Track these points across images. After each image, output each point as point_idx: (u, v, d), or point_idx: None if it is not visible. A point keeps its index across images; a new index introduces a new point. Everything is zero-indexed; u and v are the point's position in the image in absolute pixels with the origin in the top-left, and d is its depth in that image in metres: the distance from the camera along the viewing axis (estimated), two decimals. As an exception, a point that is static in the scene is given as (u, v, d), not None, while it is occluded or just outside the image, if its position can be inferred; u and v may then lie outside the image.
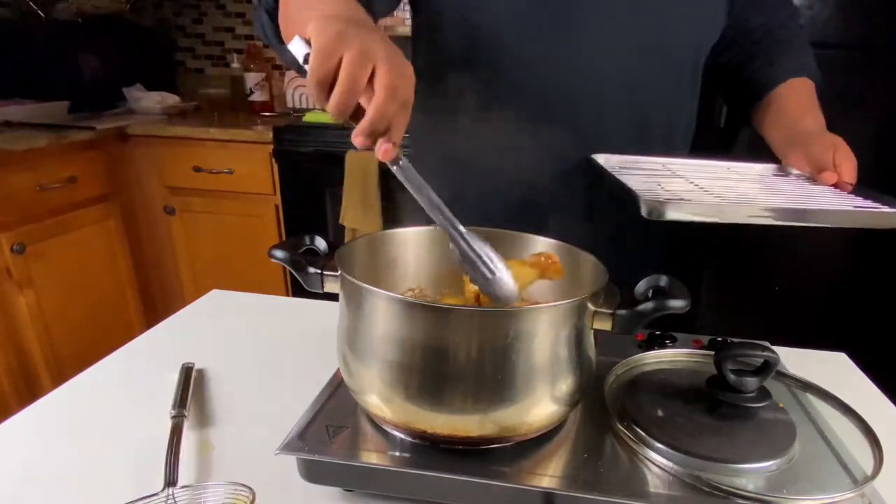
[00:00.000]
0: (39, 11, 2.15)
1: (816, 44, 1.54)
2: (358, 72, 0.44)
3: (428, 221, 0.62)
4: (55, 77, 2.10)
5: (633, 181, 0.68)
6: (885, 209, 0.64)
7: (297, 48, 0.49)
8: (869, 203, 0.67)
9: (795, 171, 0.76)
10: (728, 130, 1.63)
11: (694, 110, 0.86)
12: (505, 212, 0.81)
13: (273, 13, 0.65)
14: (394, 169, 0.49)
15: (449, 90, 0.80)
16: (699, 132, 0.89)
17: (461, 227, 0.51)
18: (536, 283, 0.63)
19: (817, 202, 0.66)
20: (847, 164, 0.70)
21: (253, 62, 2.34)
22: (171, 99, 2.29)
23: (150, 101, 2.23)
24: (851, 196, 0.68)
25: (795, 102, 0.81)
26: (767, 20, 0.85)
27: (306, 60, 0.47)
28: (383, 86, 0.45)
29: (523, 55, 0.74)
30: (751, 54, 0.84)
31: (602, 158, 0.76)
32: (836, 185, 0.71)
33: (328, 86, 0.46)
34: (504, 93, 0.76)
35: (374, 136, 0.46)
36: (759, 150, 0.83)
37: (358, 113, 0.47)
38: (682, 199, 0.60)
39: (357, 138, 0.47)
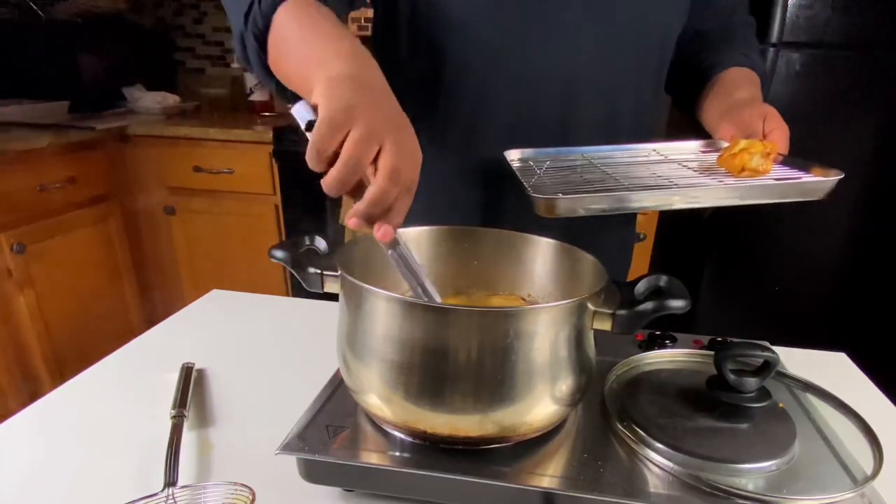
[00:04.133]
0: (39, 11, 2.15)
1: (816, 44, 1.56)
2: (361, 154, 0.42)
3: (428, 221, 0.63)
4: (55, 77, 2.10)
5: (549, 176, 0.65)
6: (807, 178, 0.61)
7: (300, 114, 0.45)
8: (794, 173, 0.63)
9: (726, 145, 0.72)
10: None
11: (659, 107, 0.84)
12: (476, 208, 0.82)
13: (262, 40, 0.58)
14: (389, 253, 0.48)
15: (413, 85, 0.77)
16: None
17: None
18: (537, 282, 0.63)
19: (736, 178, 0.62)
20: (778, 133, 0.67)
21: (253, 62, 2.34)
22: (171, 99, 2.29)
23: (150, 101, 2.23)
24: (779, 167, 0.65)
25: (732, 80, 0.79)
26: (720, 23, 0.84)
27: (309, 127, 0.43)
28: (386, 169, 0.42)
29: (489, 44, 0.72)
30: (699, 52, 0.84)
31: (516, 154, 0.73)
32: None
33: (329, 161, 0.43)
34: (470, 85, 0.75)
35: (371, 219, 0.44)
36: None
37: (355, 189, 0.44)
38: (576, 194, 0.58)
39: (351, 220, 0.44)
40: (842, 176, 0.59)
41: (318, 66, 0.49)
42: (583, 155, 0.74)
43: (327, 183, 0.43)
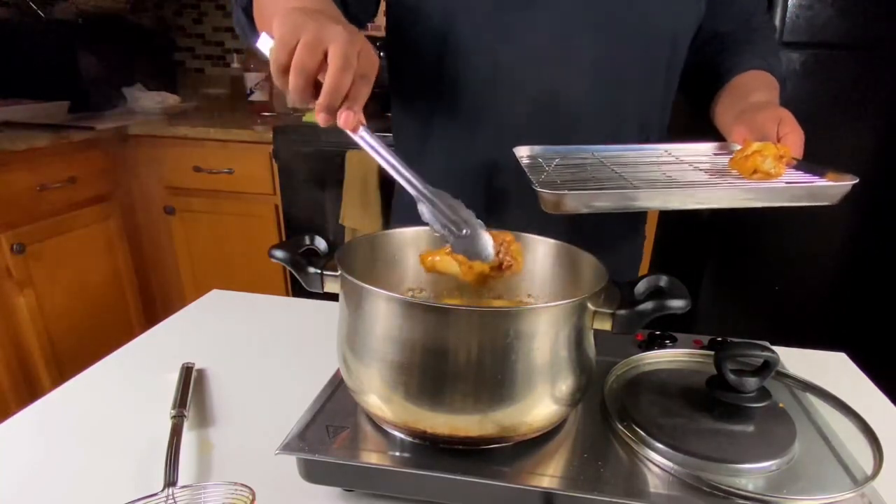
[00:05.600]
0: (39, 11, 2.15)
1: (816, 44, 1.56)
2: (307, 56, 0.47)
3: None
4: (55, 77, 2.10)
5: (558, 174, 0.65)
6: (819, 182, 0.60)
7: (264, 45, 0.51)
8: (807, 177, 0.62)
9: (739, 148, 0.71)
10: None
11: (668, 107, 0.84)
12: (481, 207, 0.81)
13: (248, 10, 0.68)
14: (356, 137, 0.51)
15: (417, 82, 0.79)
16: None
17: (429, 188, 0.53)
18: (537, 282, 0.63)
19: (744, 180, 0.62)
20: (792, 136, 0.66)
21: (253, 62, 2.34)
22: (171, 99, 2.29)
23: (150, 101, 2.23)
24: (793, 171, 0.64)
25: (748, 84, 0.79)
26: (739, 26, 0.84)
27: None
28: (335, 59, 0.47)
29: (490, 35, 0.72)
30: (718, 53, 0.83)
31: (525, 150, 0.72)
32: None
33: (287, 73, 0.48)
34: (472, 79, 0.75)
35: (332, 109, 0.49)
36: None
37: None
38: (581, 191, 0.57)
39: (319, 115, 0.49)
40: (856, 181, 0.58)
41: (277, 5, 0.55)
42: (593, 154, 0.73)
43: (290, 91, 0.48)
